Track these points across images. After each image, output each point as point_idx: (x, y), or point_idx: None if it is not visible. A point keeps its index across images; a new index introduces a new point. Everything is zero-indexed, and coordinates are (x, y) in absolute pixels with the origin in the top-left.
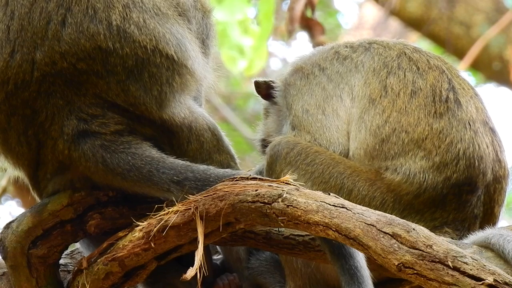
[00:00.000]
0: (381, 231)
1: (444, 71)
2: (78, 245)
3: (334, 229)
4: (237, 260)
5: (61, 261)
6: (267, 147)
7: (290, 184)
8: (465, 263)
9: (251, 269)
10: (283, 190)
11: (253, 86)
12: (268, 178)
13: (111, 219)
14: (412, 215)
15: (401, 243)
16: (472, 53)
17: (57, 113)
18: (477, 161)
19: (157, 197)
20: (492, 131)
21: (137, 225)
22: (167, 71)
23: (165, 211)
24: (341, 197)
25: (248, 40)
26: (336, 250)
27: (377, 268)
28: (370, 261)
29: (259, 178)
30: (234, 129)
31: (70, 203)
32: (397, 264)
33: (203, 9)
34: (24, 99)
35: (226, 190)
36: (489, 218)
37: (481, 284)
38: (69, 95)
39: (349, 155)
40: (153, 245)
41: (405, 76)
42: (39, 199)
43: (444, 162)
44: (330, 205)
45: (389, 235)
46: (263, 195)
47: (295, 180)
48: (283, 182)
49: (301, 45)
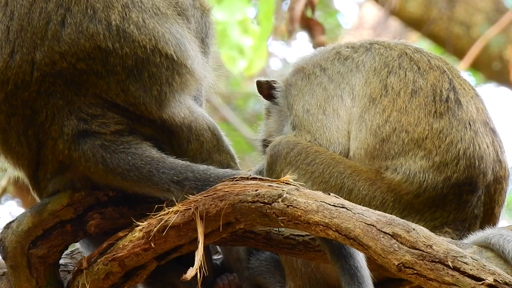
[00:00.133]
0: (381, 231)
1: (445, 71)
2: (78, 245)
3: (334, 229)
4: (237, 260)
5: (61, 261)
6: (268, 147)
7: (290, 184)
8: (465, 263)
9: (251, 269)
10: (283, 190)
11: (255, 85)
12: (268, 178)
13: (111, 219)
14: (412, 214)
15: (401, 243)
16: (472, 53)
17: (57, 113)
18: (478, 161)
19: (157, 197)
20: (492, 131)
21: (137, 225)
22: (166, 71)
23: (165, 211)
24: (341, 196)
25: (248, 40)
26: (336, 250)
27: (377, 268)
28: (370, 261)
29: (259, 178)
30: (234, 129)
31: (70, 203)
32: (397, 264)
33: (202, 8)
34: (24, 99)
35: (226, 190)
36: (489, 218)
37: (481, 284)
38: (69, 95)
39: (350, 155)
40: (153, 245)
41: (405, 75)
42: (39, 199)
43: (444, 162)
44: (330, 205)
45: (389, 235)
46: (263, 195)
47: (295, 180)
48: (283, 182)
49: (301, 45)
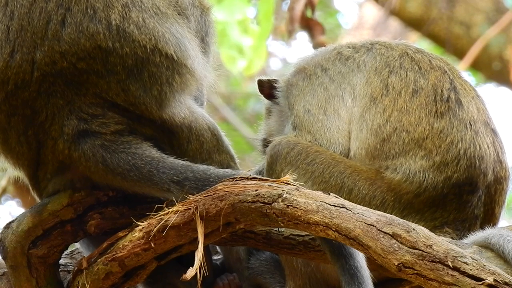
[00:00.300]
0: (381, 231)
1: (446, 72)
2: (78, 245)
3: (334, 229)
4: (237, 260)
5: (61, 261)
6: (268, 147)
7: (290, 184)
8: (465, 263)
9: (251, 269)
10: (283, 190)
11: (256, 84)
12: (268, 178)
13: (111, 219)
14: (412, 214)
15: (401, 243)
16: (472, 53)
17: (57, 113)
18: (478, 161)
19: (157, 197)
20: (493, 132)
21: (137, 225)
22: (167, 71)
23: (165, 211)
24: (341, 196)
25: (247, 40)
26: (336, 250)
27: (377, 268)
28: (370, 261)
29: (259, 178)
30: (234, 129)
31: (70, 203)
32: (397, 264)
33: (202, 7)
34: (24, 99)
35: (226, 190)
36: (489, 218)
37: (481, 284)
38: (69, 95)
39: (351, 155)
40: (153, 245)
41: (406, 75)
42: (39, 199)
43: (444, 161)
44: (330, 205)
45: (389, 235)
46: (263, 195)
47: (295, 180)
48: (283, 182)
49: (301, 45)
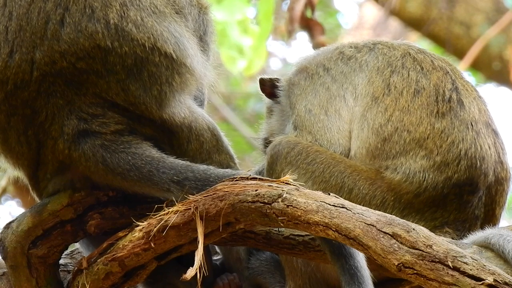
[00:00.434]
0: (381, 231)
1: (448, 72)
2: (78, 245)
3: (334, 229)
4: (237, 260)
5: (61, 261)
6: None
7: (290, 184)
8: (465, 263)
9: (251, 269)
10: (283, 190)
11: (257, 84)
12: (268, 178)
13: (111, 219)
14: (412, 214)
15: (401, 243)
16: (472, 53)
17: (57, 112)
18: (479, 162)
19: (157, 197)
20: (494, 133)
21: (137, 225)
22: (166, 70)
23: (165, 211)
24: (341, 196)
25: (247, 40)
26: (336, 250)
27: (377, 268)
28: (370, 261)
29: (259, 178)
30: (234, 129)
31: (70, 203)
32: (397, 264)
33: (199, 5)
34: (23, 99)
35: (226, 190)
36: (490, 219)
37: (481, 284)
38: (69, 95)
39: (351, 154)
40: (153, 245)
41: (408, 75)
42: (38, 199)
43: (445, 162)
44: (330, 205)
45: (389, 235)
46: (263, 195)
47: (295, 179)
48: (283, 182)
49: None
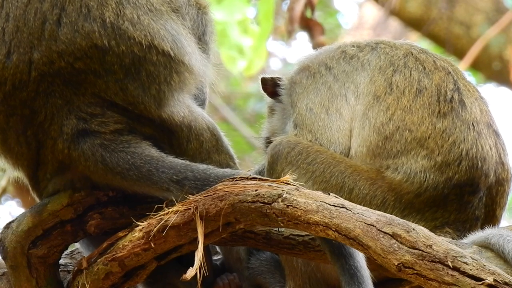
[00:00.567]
0: (381, 231)
1: (450, 72)
2: (78, 245)
3: (334, 229)
4: (237, 260)
5: (61, 261)
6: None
7: (290, 184)
8: (465, 263)
9: (251, 269)
10: (283, 190)
11: (258, 84)
12: (268, 178)
13: (111, 219)
14: (413, 214)
15: (401, 243)
16: (472, 53)
17: (56, 112)
18: (480, 162)
19: (157, 196)
20: (496, 133)
21: (137, 225)
22: (164, 69)
23: (165, 211)
24: (342, 196)
25: (247, 40)
26: (336, 250)
27: (377, 268)
28: (370, 261)
29: (259, 178)
30: (234, 129)
31: (70, 203)
32: (397, 264)
33: (198, 5)
34: (22, 99)
35: (226, 190)
36: (490, 220)
37: (481, 284)
38: (68, 95)
39: (351, 153)
40: (153, 245)
41: (411, 74)
42: (38, 200)
43: (446, 162)
44: (330, 205)
45: (389, 235)
46: (263, 195)
47: (295, 179)
48: (283, 182)
49: (301, 45)
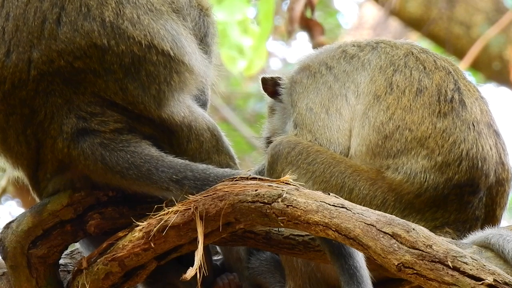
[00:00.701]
0: (381, 231)
1: (450, 72)
2: (78, 245)
3: (334, 229)
4: (237, 260)
5: (61, 261)
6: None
7: (290, 184)
8: (465, 263)
9: (251, 269)
10: (283, 190)
11: (258, 84)
12: (267, 178)
13: (111, 219)
14: (413, 214)
15: (401, 243)
16: (472, 53)
17: (56, 111)
18: (480, 162)
19: (157, 196)
20: (496, 133)
21: (137, 225)
22: (164, 69)
23: (165, 211)
24: (342, 196)
25: (247, 40)
26: (335, 250)
27: (377, 268)
28: (370, 261)
29: (259, 178)
30: (234, 129)
31: (70, 203)
32: (397, 264)
33: (200, 7)
34: (22, 98)
35: (226, 190)
36: (490, 220)
37: (481, 284)
38: (67, 94)
39: (351, 152)
40: (153, 245)
41: (411, 74)
42: (38, 199)
43: (446, 162)
44: (330, 205)
45: (389, 235)
46: (263, 195)
47: (295, 179)
48: (283, 182)
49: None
